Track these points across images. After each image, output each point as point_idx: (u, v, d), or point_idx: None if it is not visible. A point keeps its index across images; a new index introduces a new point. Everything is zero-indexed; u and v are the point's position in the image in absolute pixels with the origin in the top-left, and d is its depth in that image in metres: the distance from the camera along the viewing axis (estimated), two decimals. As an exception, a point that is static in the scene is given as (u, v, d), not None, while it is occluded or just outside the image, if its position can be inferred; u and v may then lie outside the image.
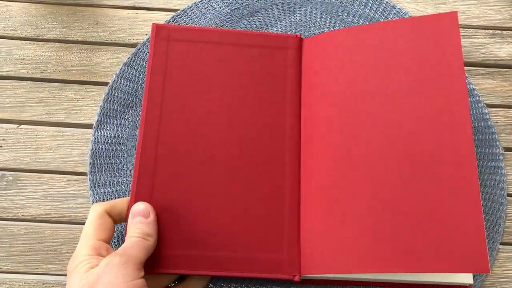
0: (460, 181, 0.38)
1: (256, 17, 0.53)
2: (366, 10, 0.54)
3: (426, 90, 0.41)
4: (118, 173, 0.46)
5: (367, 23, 0.53)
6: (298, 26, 0.53)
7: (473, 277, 0.42)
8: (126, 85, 0.49)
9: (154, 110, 0.43)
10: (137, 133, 0.47)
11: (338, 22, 0.53)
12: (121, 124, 0.48)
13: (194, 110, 0.44)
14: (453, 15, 0.43)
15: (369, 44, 0.44)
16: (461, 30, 0.54)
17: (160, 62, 0.45)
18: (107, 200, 0.45)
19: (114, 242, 0.43)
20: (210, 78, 0.45)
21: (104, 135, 0.48)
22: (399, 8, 0.54)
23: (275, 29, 0.53)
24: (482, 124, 0.49)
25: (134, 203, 0.40)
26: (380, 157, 0.41)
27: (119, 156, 0.47)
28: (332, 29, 0.53)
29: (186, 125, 0.43)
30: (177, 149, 0.42)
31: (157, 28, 0.46)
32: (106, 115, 0.48)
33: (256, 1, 0.54)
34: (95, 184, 0.46)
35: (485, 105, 0.50)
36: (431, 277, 0.41)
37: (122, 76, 0.50)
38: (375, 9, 0.54)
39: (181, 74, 0.45)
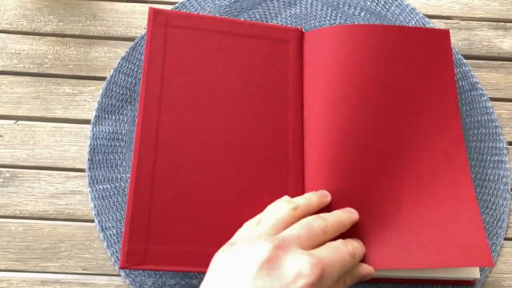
0: (454, 182, 0.41)
1: (256, 10, 0.52)
2: (368, 2, 0.53)
3: (420, 100, 0.44)
4: (117, 169, 0.46)
5: (368, 15, 0.52)
6: (299, 18, 0.52)
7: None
8: (124, 80, 0.49)
9: (153, 98, 0.41)
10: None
11: (339, 15, 0.52)
12: (119, 119, 0.47)
13: (195, 100, 0.42)
14: (446, 33, 0.47)
15: (370, 44, 0.45)
16: (464, 22, 0.53)
17: (158, 49, 0.43)
18: (105, 196, 0.45)
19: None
20: (210, 67, 0.44)
21: (102, 131, 0.47)
22: (400, 0, 0.53)
23: (275, 22, 0.52)
24: (486, 118, 0.49)
25: (134, 198, 0.39)
26: (385, 156, 0.41)
27: (117, 152, 0.46)
28: (333, 21, 0.52)
29: (187, 115, 0.42)
30: (178, 140, 0.41)
31: (155, 13, 0.44)
32: (104, 111, 0.48)
33: (256, -6, 0.53)
34: (93, 180, 0.45)
35: (488, 98, 0.49)
36: (437, 272, 0.40)
37: (120, 71, 0.49)
38: (376, 1, 0.53)
39: (181, 61, 0.43)
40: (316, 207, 0.37)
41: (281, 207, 0.36)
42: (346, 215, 0.38)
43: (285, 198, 0.39)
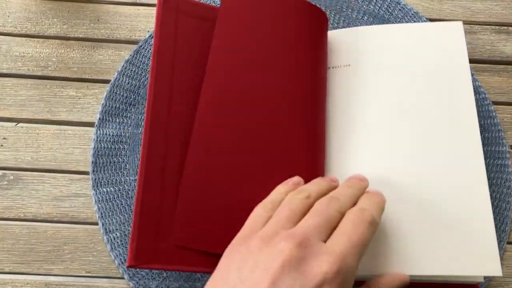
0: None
1: (259, 13, 0.52)
2: (371, 6, 0.53)
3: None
4: (120, 172, 0.46)
5: (371, 19, 0.52)
6: (302, 22, 0.52)
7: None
8: (128, 83, 0.49)
9: (163, 87, 0.39)
10: (140, 131, 0.47)
11: (342, 18, 0.53)
12: (123, 122, 0.48)
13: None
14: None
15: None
16: (467, 26, 0.53)
17: (169, 36, 0.40)
18: (109, 199, 0.45)
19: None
20: None
21: (106, 134, 0.47)
22: (403, 4, 0.53)
23: (278, 26, 0.52)
24: (489, 121, 0.49)
25: (143, 191, 0.36)
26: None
27: (121, 155, 0.46)
28: (336, 25, 0.52)
29: (195, 110, 0.39)
30: (188, 134, 0.38)
31: None
32: (108, 113, 0.48)
33: (259, -3, 0.53)
34: (97, 183, 0.45)
35: (491, 102, 0.49)
36: (440, 275, 0.40)
37: (124, 74, 0.49)
38: (379, 5, 0.53)
39: (191, 52, 0.41)
40: (326, 193, 0.36)
41: (293, 198, 0.35)
42: (357, 186, 0.37)
43: (296, 179, 0.38)
